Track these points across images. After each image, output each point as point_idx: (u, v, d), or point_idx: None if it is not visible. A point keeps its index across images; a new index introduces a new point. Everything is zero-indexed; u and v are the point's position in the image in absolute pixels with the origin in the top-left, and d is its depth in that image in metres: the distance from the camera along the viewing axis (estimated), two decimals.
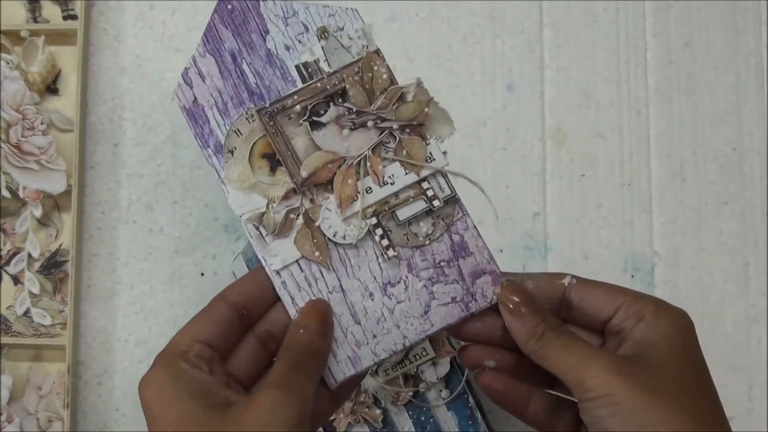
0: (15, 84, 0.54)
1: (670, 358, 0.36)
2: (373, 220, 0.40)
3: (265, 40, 0.40)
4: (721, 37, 0.60)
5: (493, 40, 0.59)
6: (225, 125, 0.40)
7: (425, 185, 0.40)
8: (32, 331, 0.55)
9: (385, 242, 0.40)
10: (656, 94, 0.59)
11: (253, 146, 0.40)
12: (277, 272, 0.39)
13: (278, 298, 0.39)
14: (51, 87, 0.57)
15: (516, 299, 0.38)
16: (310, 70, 0.40)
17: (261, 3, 0.40)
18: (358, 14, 0.40)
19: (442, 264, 0.40)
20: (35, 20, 0.57)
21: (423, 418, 0.52)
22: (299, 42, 0.40)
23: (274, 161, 0.40)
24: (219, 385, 0.35)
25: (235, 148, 0.40)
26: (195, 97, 0.40)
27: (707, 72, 0.60)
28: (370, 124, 0.39)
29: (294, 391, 0.34)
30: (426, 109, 0.40)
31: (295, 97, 0.39)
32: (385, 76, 0.40)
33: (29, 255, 0.55)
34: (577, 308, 0.39)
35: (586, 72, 0.59)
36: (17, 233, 0.56)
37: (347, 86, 0.39)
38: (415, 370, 0.52)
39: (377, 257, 0.40)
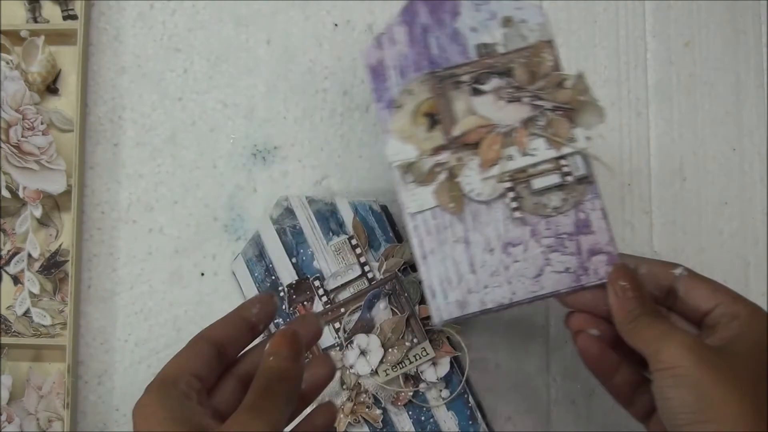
0: (15, 84, 0.54)
1: (749, 351, 0.38)
2: (509, 184, 0.43)
3: (455, 20, 0.45)
4: (721, 37, 0.60)
5: None
6: (400, 85, 0.44)
7: (563, 162, 0.43)
8: (32, 331, 0.55)
9: (514, 205, 0.43)
10: (656, 94, 0.59)
11: (419, 105, 0.43)
12: (412, 215, 0.43)
13: (253, 339, 0.40)
14: (51, 87, 0.57)
15: (623, 283, 0.41)
16: (487, 50, 0.44)
17: None
18: (542, 11, 0.44)
19: (563, 236, 0.43)
20: (35, 20, 0.57)
21: (423, 418, 0.52)
22: (484, 26, 0.44)
23: (433, 120, 0.44)
24: (204, 414, 0.35)
25: (404, 104, 0.44)
26: (382, 58, 0.45)
27: (707, 72, 0.60)
28: (525, 100, 0.43)
29: (264, 414, 0.34)
30: (580, 97, 0.43)
31: (467, 67, 0.44)
32: (550, 63, 0.44)
33: (29, 255, 0.55)
34: (681, 299, 0.42)
35: (586, 72, 0.59)
36: (17, 233, 0.56)
37: (514, 66, 0.43)
38: (415, 370, 0.52)
39: (505, 218, 0.43)
